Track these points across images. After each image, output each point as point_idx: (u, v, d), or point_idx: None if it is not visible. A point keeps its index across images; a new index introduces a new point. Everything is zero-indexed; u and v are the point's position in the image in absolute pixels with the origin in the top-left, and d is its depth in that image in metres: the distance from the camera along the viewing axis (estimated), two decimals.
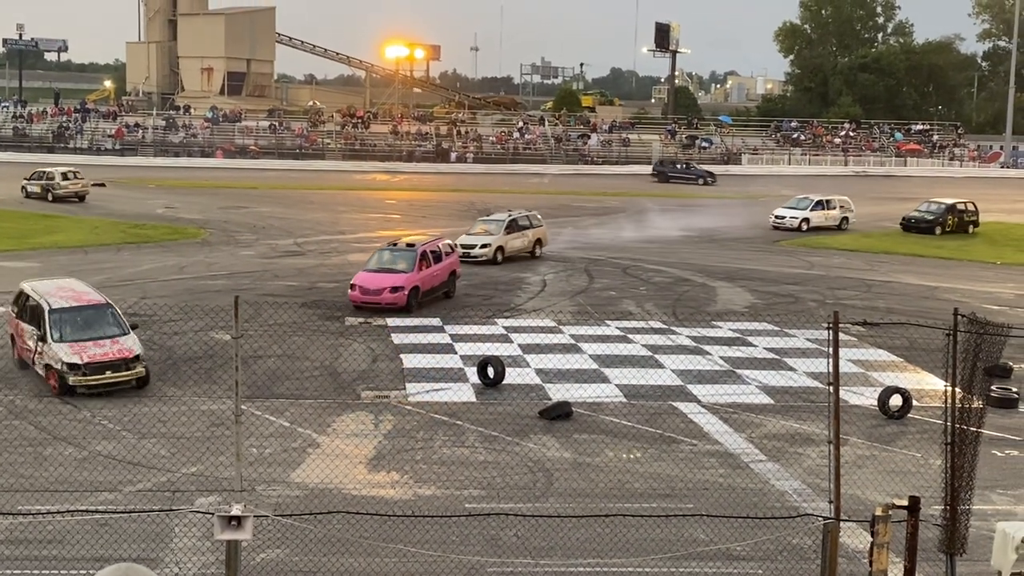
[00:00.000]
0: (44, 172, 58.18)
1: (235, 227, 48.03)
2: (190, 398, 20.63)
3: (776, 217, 51.85)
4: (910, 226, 51.50)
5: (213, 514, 10.39)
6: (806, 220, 51.06)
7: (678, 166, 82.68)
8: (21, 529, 13.76)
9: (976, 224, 52.81)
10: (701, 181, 79.24)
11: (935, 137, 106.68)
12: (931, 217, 51.97)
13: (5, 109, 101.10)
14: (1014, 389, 21.90)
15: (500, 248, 38.83)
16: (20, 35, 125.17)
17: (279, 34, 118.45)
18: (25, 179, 58.61)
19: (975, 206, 53.69)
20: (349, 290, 30.02)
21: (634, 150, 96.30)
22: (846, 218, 52.46)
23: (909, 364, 24.31)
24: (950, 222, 51.67)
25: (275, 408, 19.96)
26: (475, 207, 57.77)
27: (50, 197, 55.94)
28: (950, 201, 54.16)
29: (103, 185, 66.16)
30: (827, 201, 53.22)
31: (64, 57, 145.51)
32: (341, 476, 16.40)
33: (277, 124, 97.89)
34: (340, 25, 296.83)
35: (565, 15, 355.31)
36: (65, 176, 57.46)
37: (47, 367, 21.13)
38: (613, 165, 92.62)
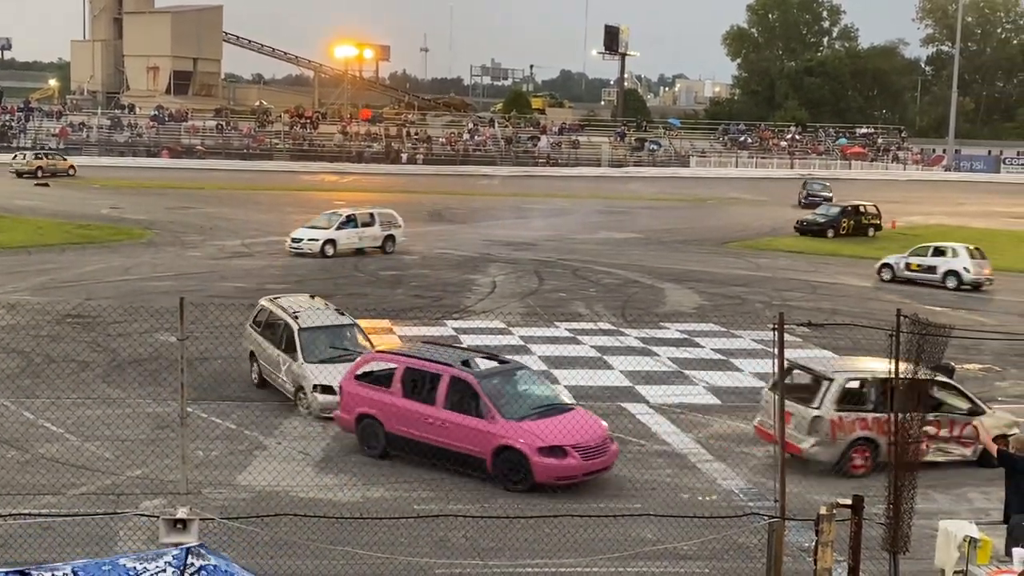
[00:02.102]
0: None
1: (181, 228, 47.60)
2: (135, 400, 20.41)
3: (292, 241, 40.71)
4: (804, 229, 50.39)
5: (158, 517, 10.31)
6: (331, 242, 40.32)
7: None
8: None
9: (878, 227, 52.00)
10: None
11: (879, 140, 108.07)
12: (823, 220, 51.06)
13: None
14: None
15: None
16: None
17: (226, 33, 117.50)
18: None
19: (877, 209, 52.98)
20: None
21: (584, 152, 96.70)
22: (391, 237, 41.86)
23: None
24: (845, 225, 50.66)
25: (221, 411, 19.80)
26: (424, 208, 57.76)
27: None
28: (849, 203, 53.60)
29: (47, 185, 65.38)
30: (362, 217, 42.06)
31: (7, 55, 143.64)
32: (288, 479, 16.31)
33: (224, 124, 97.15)
34: (288, 25, 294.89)
35: (515, 17, 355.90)
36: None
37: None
38: (563, 167, 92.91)
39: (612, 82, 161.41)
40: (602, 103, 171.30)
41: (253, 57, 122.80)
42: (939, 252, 38.06)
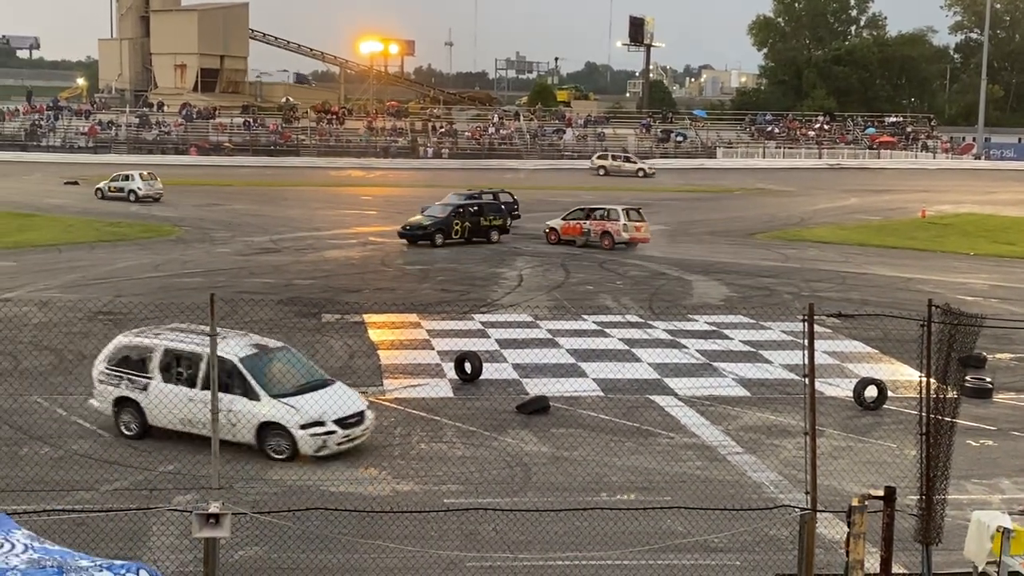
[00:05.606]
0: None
1: (210, 224, 47.85)
2: None
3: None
4: (407, 235, 42.36)
5: (191, 512, 10.37)
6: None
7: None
8: None
9: (503, 230, 43.95)
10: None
11: (908, 129, 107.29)
12: (428, 223, 42.71)
13: None
14: (988, 379, 22.08)
15: None
16: None
17: (252, 30, 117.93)
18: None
19: (513, 198, 48.51)
20: None
21: (609, 144, 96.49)
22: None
23: (884, 355, 24.46)
24: (457, 228, 42.71)
25: None
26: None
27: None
28: (472, 197, 46.28)
29: (76, 183, 65.86)
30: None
31: (36, 54, 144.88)
32: (319, 473, 16.38)
33: (251, 121, 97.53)
34: (314, 21, 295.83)
35: (539, 10, 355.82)
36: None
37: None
38: (589, 159, 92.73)
39: (637, 74, 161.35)
40: (627, 95, 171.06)
41: (279, 53, 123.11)
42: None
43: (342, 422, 17.30)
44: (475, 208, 44.41)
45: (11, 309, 27.09)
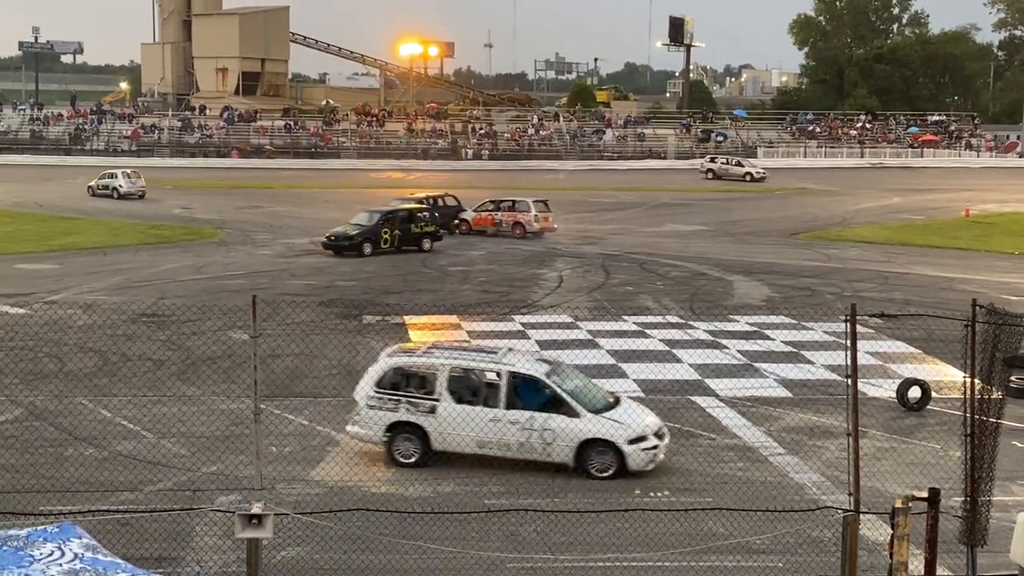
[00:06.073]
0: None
1: (252, 227, 48.19)
2: (209, 397, 20.70)
3: None
4: (332, 245, 39.77)
5: (234, 512, 10.45)
6: None
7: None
8: None
9: (436, 237, 41.08)
10: None
11: (951, 128, 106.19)
12: (355, 232, 39.88)
13: (22, 112, 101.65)
14: None
15: None
16: (36, 38, 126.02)
17: (293, 33, 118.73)
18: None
19: (457, 201, 47.10)
20: None
21: (649, 145, 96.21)
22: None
23: (928, 355, 24.22)
24: (387, 237, 39.83)
25: (294, 407, 20.02)
26: None
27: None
28: (403, 203, 43.74)
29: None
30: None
31: (79, 59, 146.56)
32: (360, 474, 16.46)
33: (292, 123, 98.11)
34: (354, 23, 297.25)
35: (579, 10, 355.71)
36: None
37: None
38: (628, 160, 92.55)
39: (677, 74, 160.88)
40: (667, 95, 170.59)
41: (319, 56, 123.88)
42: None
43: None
44: (404, 214, 41.29)
45: (56, 311, 27.49)
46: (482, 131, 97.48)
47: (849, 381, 11.54)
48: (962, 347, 11.12)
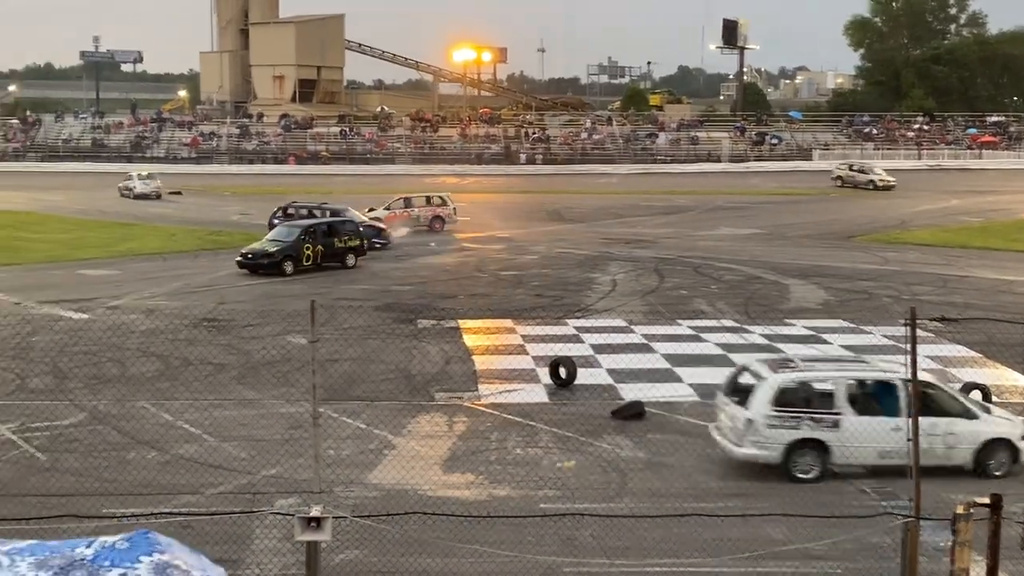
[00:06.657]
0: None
1: None
2: (269, 401, 20.92)
3: None
4: (248, 263, 36.31)
5: (293, 515, 10.58)
6: None
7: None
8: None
9: (361, 252, 38.18)
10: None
11: (1011, 128, 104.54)
12: (273, 249, 36.47)
13: (84, 120, 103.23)
14: None
15: None
16: (97, 47, 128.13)
17: (348, 41, 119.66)
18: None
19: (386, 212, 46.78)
20: None
21: (703, 148, 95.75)
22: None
23: (988, 359, 23.87)
24: (308, 253, 36.67)
25: (351, 410, 20.17)
26: (544, 208, 57.91)
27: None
28: (323, 214, 41.19)
29: (179, 193, 67.49)
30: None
31: (139, 68, 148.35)
32: (417, 477, 16.55)
33: (347, 130, 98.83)
34: (407, 30, 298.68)
35: (631, 14, 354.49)
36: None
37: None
38: (682, 164, 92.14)
39: (731, 76, 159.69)
40: (721, 98, 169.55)
41: (374, 63, 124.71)
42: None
43: None
44: (326, 228, 38.33)
45: (118, 317, 27.95)
46: (535, 135, 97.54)
47: (910, 386, 11.44)
48: (1023, 351, 10.99)
